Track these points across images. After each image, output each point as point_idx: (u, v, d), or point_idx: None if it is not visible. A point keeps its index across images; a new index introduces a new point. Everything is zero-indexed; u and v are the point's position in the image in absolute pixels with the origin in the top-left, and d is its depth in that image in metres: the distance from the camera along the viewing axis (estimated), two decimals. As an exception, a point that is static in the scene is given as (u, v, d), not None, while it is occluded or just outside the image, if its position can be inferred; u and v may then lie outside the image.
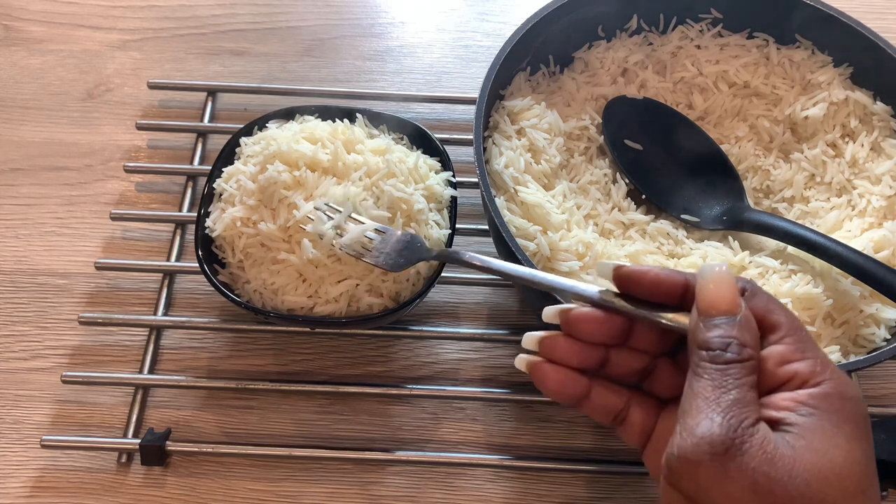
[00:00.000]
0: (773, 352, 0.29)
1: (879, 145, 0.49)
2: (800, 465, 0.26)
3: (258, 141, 0.48)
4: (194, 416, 0.48)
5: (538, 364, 0.33)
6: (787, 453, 0.26)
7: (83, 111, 0.61)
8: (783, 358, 0.28)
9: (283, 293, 0.44)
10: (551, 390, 0.33)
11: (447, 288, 0.52)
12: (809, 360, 0.28)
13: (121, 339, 0.50)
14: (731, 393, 0.27)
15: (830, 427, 0.27)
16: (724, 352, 0.28)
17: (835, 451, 0.26)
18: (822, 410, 0.27)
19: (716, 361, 0.28)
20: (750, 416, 0.26)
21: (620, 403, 0.33)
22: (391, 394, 0.48)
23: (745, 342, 0.28)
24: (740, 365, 0.27)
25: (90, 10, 0.66)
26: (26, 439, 0.47)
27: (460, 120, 0.61)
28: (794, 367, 0.28)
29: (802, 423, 0.27)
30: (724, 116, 0.52)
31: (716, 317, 0.29)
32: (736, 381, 0.27)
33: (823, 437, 0.26)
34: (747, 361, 0.28)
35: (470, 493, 0.46)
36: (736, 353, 0.28)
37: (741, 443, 0.26)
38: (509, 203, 0.45)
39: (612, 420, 0.33)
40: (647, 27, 0.53)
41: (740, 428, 0.26)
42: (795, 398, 0.27)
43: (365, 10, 0.68)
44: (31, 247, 0.54)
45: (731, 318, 0.28)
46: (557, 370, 0.33)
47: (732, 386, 0.27)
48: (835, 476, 0.26)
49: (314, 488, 0.46)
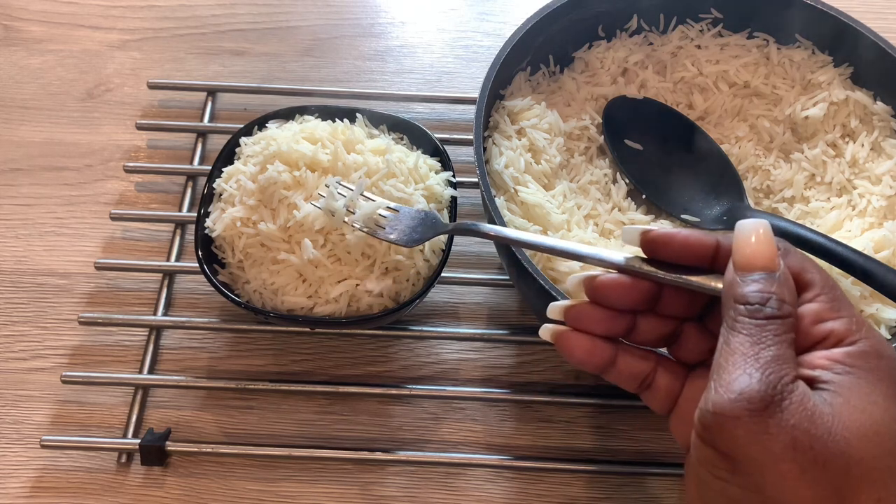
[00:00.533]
0: (809, 310, 0.28)
1: (880, 145, 0.49)
2: (839, 423, 0.25)
3: (258, 141, 0.48)
4: (194, 416, 0.48)
5: (564, 333, 0.32)
6: (827, 411, 0.25)
7: (83, 111, 0.61)
8: (818, 316, 0.28)
9: (283, 293, 0.44)
10: (578, 359, 0.32)
11: (447, 288, 0.52)
12: (845, 318, 0.28)
13: (121, 339, 0.50)
14: (771, 349, 0.26)
15: (867, 385, 0.26)
16: (763, 306, 0.27)
17: (873, 408, 0.26)
18: (858, 369, 0.26)
19: (755, 316, 0.27)
20: (789, 373, 0.26)
21: (647, 369, 0.32)
22: (391, 394, 0.48)
23: (784, 298, 0.27)
24: (780, 321, 0.27)
25: (90, 10, 0.66)
26: (26, 439, 0.47)
27: (460, 120, 0.61)
28: (829, 325, 0.28)
29: (839, 382, 0.26)
30: (724, 116, 0.52)
31: (753, 272, 0.28)
32: (775, 338, 0.27)
33: (861, 394, 0.26)
34: (787, 318, 0.27)
35: (470, 494, 0.46)
36: (775, 308, 0.27)
37: (781, 399, 0.25)
38: (509, 203, 0.45)
39: (637, 386, 0.33)
40: (647, 27, 0.53)
41: (780, 384, 0.25)
42: (831, 356, 0.27)
43: (365, 10, 0.68)
44: (31, 247, 0.54)
45: (769, 274, 0.28)
46: (584, 338, 0.32)
47: (771, 342, 0.26)
48: (874, 433, 0.25)
49: (314, 488, 0.46)
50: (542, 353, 0.50)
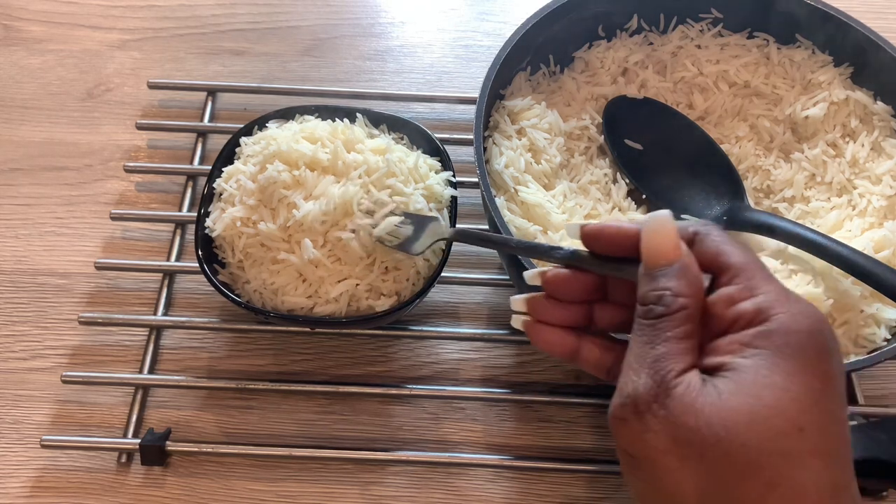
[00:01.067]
0: (723, 294, 0.28)
1: (880, 145, 0.49)
2: (721, 411, 0.25)
3: (258, 141, 0.48)
4: (194, 416, 0.48)
5: (530, 323, 0.34)
6: (711, 400, 0.25)
7: (83, 111, 0.61)
8: (731, 299, 0.27)
9: (283, 293, 0.44)
10: (544, 348, 0.34)
11: (447, 288, 0.52)
12: (759, 296, 0.27)
13: (121, 339, 0.50)
14: (658, 347, 0.27)
15: (766, 366, 0.26)
16: (656, 305, 0.28)
17: (765, 391, 0.25)
18: (762, 349, 0.26)
19: (647, 317, 0.28)
20: (675, 368, 0.26)
21: (611, 358, 0.33)
22: (391, 394, 0.48)
23: (680, 291, 0.27)
24: (670, 317, 0.27)
25: (90, 9, 0.66)
26: (26, 439, 0.47)
27: (460, 120, 0.61)
28: (740, 307, 0.27)
29: (739, 366, 0.26)
30: (724, 116, 0.52)
31: (658, 268, 0.28)
32: (664, 335, 0.27)
33: (756, 377, 0.25)
34: (678, 312, 0.27)
35: (470, 493, 0.46)
36: (667, 305, 0.27)
37: (665, 396, 0.26)
38: (509, 203, 0.45)
39: (606, 374, 0.33)
40: (647, 27, 0.53)
41: (663, 382, 0.26)
42: (740, 339, 0.27)
43: (365, 10, 0.68)
44: (31, 247, 0.54)
45: (669, 268, 0.28)
46: (547, 329, 0.34)
47: (660, 340, 0.27)
48: (761, 417, 0.25)
49: (314, 488, 0.46)
50: (542, 352, 0.50)
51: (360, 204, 0.43)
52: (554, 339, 0.33)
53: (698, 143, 0.50)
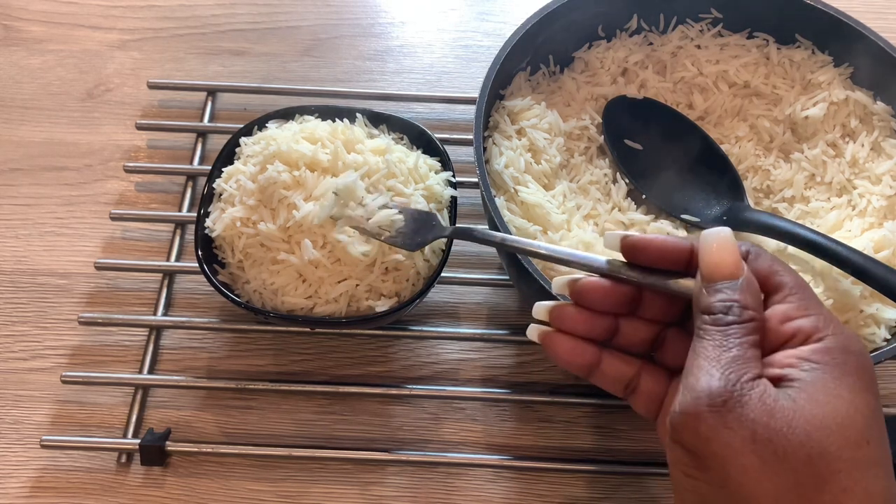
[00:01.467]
0: (777, 311, 0.29)
1: (879, 145, 0.49)
2: (800, 417, 0.26)
3: (258, 141, 0.48)
4: (194, 416, 0.48)
5: (549, 334, 0.33)
6: (788, 406, 0.26)
7: (83, 111, 0.61)
8: (786, 316, 0.29)
9: (282, 293, 0.44)
10: (561, 359, 0.33)
11: (447, 288, 0.52)
12: (813, 316, 0.29)
13: (120, 339, 0.50)
14: (732, 351, 0.27)
15: (832, 380, 0.27)
16: (726, 314, 0.28)
17: (837, 401, 0.26)
18: (824, 364, 0.27)
19: (717, 324, 0.28)
20: (749, 372, 0.27)
21: (631, 373, 0.33)
22: (391, 394, 0.48)
23: (747, 304, 0.28)
24: (740, 325, 0.28)
25: (90, 10, 0.66)
26: (26, 439, 0.47)
27: (460, 120, 0.61)
28: (796, 323, 0.28)
29: (805, 378, 0.27)
30: (724, 116, 0.52)
31: (718, 281, 0.29)
32: (736, 340, 0.28)
33: (825, 389, 0.27)
34: (748, 322, 0.28)
35: (470, 494, 0.46)
36: (737, 314, 0.28)
37: (740, 396, 0.26)
38: (509, 203, 0.45)
39: (623, 390, 0.34)
40: (647, 27, 0.53)
41: (739, 382, 0.27)
42: (798, 354, 0.28)
43: (365, 10, 0.68)
44: (31, 247, 0.54)
45: (733, 282, 0.29)
46: (568, 339, 0.33)
47: (733, 345, 0.28)
48: (836, 426, 0.26)
49: (314, 488, 0.46)
50: (541, 353, 0.50)
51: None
52: (576, 351, 0.33)
53: (698, 143, 0.50)
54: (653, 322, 0.34)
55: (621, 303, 0.33)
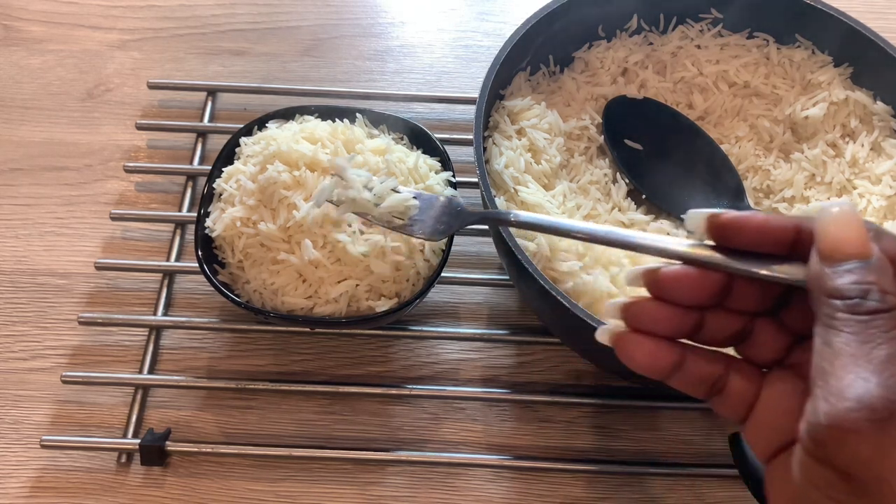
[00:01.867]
0: None
1: (879, 145, 0.49)
2: None
3: (258, 141, 0.48)
4: (194, 417, 0.48)
5: (624, 335, 0.28)
6: None
7: (83, 111, 0.61)
8: None
9: (282, 293, 0.44)
10: (641, 364, 0.28)
11: (447, 288, 0.52)
12: None
13: (120, 339, 0.50)
14: (882, 348, 0.23)
15: None
16: (864, 300, 0.23)
17: None
18: None
19: (856, 312, 0.23)
20: None
21: (718, 372, 0.28)
22: (391, 394, 0.48)
23: (886, 288, 0.24)
24: (887, 315, 0.23)
25: (90, 10, 0.66)
26: (26, 439, 0.47)
27: (460, 120, 0.61)
28: None
29: None
30: (724, 116, 0.52)
31: (843, 261, 0.24)
32: (885, 334, 0.23)
33: None
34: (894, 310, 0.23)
35: (470, 493, 0.46)
36: (878, 300, 0.23)
37: None
38: (509, 203, 0.45)
39: (707, 391, 0.29)
40: (647, 27, 0.53)
41: None
42: None
43: (365, 10, 0.68)
44: (31, 247, 0.54)
45: (862, 262, 0.24)
46: (647, 340, 0.28)
47: (882, 339, 0.23)
48: None
49: (314, 488, 0.46)
50: (542, 353, 0.50)
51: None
52: (658, 353, 0.28)
53: (698, 143, 0.50)
54: (741, 313, 0.29)
55: (711, 293, 0.28)
